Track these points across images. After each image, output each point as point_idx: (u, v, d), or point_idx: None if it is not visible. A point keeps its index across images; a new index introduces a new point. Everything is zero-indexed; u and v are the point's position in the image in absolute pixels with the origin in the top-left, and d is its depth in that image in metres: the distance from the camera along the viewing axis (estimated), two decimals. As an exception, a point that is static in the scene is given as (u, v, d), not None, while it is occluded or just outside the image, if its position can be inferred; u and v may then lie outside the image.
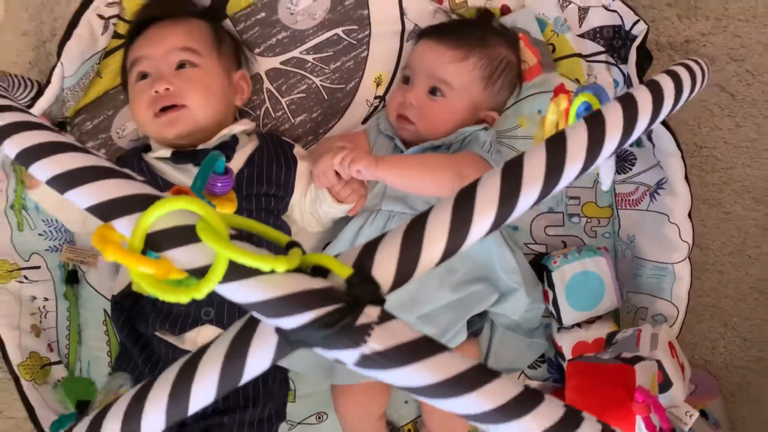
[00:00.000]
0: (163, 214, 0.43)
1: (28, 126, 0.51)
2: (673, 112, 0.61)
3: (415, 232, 0.46)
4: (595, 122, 0.51)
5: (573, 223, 1.17)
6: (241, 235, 0.45)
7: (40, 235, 1.05)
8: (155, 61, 0.99)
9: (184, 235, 0.43)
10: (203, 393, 0.44)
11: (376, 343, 0.42)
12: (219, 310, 0.98)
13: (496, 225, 0.47)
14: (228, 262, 0.42)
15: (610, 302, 1.09)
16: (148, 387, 0.46)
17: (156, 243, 0.43)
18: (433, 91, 1.05)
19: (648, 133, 1.06)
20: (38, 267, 1.04)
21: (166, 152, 0.99)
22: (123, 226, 0.45)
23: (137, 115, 1.02)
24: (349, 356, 0.43)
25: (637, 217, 1.11)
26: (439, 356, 0.44)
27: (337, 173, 0.94)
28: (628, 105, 0.53)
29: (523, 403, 0.45)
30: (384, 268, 0.45)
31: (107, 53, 1.08)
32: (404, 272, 0.45)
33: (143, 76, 1.00)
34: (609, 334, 1.05)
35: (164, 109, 0.98)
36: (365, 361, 0.43)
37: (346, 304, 0.42)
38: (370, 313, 0.43)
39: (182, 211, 0.43)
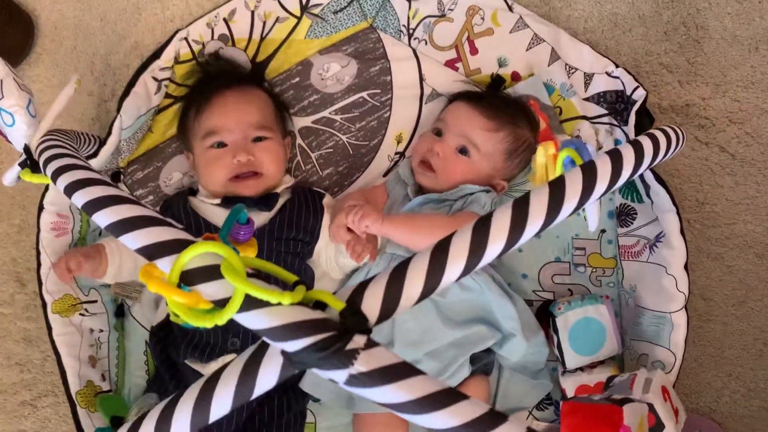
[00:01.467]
0: (194, 255, 0.54)
1: (92, 182, 0.64)
2: (636, 175, 0.70)
3: (398, 275, 0.56)
4: (556, 187, 0.61)
5: (579, 272, 1.25)
6: (258, 274, 0.56)
7: (95, 272, 1.18)
8: (234, 134, 1.12)
9: (211, 273, 0.54)
10: (222, 403, 0.55)
11: (361, 365, 0.52)
12: (244, 341, 1.08)
13: (467, 271, 0.57)
14: (244, 295, 0.52)
15: (611, 348, 1.15)
16: (178, 398, 0.57)
17: (188, 278, 0.54)
18: (462, 150, 1.15)
19: (646, 190, 1.14)
20: (95, 301, 1.16)
21: (216, 200, 1.13)
22: (163, 264, 0.56)
23: (211, 176, 1.13)
24: (339, 376, 0.52)
25: (638, 268, 1.19)
26: (415, 378, 0.53)
27: (349, 229, 1.05)
28: (588, 172, 0.63)
29: (485, 422, 0.53)
30: (371, 304, 0.55)
31: (158, 111, 1.23)
32: (388, 308, 0.55)
33: (220, 144, 1.13)
34: (609, 377, 1.11)
35: (241, 175, 1.12)
36: (352, 380, 0.52)
37: (338, 332, 0.52)
38: (358, 340, 0.52)
39: (210, 254, 0.54)
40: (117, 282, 1.21)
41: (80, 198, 0.62)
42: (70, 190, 0.64)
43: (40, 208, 1.10)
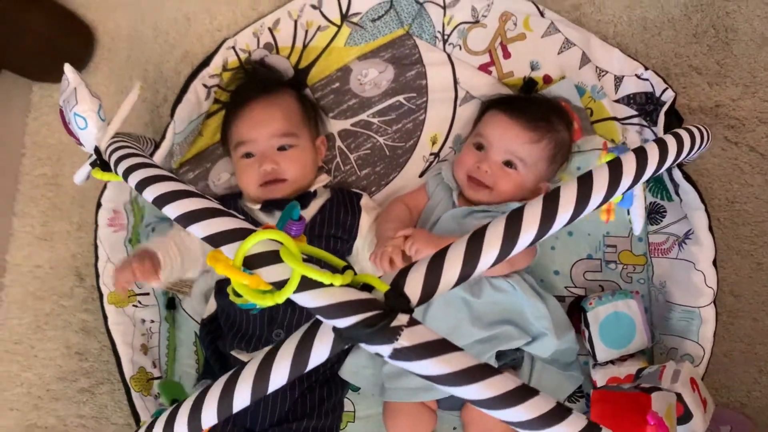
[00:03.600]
0: (256, 242, 0.60)
1: (161, 178, 0.71)
2: (660, 171, 0.74)
3: (437, 261, 0.61)
4: (584, 181, 0.66)
5: (610, 269, 1.28)
6: (311, 260, 0.62)
7: (148, 265, 1.26)
8: (259, 144, 1.19)
9: (271, 257, 0.60)
10: (280, 374, 0.61)
11: (405, 340, 0.58)
12: (288, 332, 1.14)
13: (501, 258, 0.62)
14: (300, 277, 0.58)
15: (640, 341, 1.18)
16: (240, 370, 0.63)
17: (251, 263, 0.61)
18: (507, 163, 1.18)
19: (675, 188, 1.18)
20: (148, 293, 1.24)
21: (257, 206, 1.20)
22: (228, 250, 0.62)
23: (244, 183, 1.21)
24: (384, 350, 0.58)
25: (668, 264, 1.22)
26: (453, 353, 0.58)
27: (390, 260, 1.08)
28: (614, 167, 0.67)
29: (518, 395, 0.59)
30: (413, 287, 0.60)
31: (208, 115, 1.30)
32: (428, 291, 0.61)
33: (248, 155, 1.20)
34: (639, 369, 1.15)
35: (268, 181, 1.19)
36: (397, 354, 0.58)
37: (384, 311, 0.58)
38: (402, 318, 0.58)
39: (269, 241, 0.61)
40: (168, 278, 1.29)
41: (151, 193, 0.69)
42: (142, 185, 0.71)
43: (98, 205, 1.17)
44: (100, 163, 0.86)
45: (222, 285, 1.19)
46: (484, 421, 1.13)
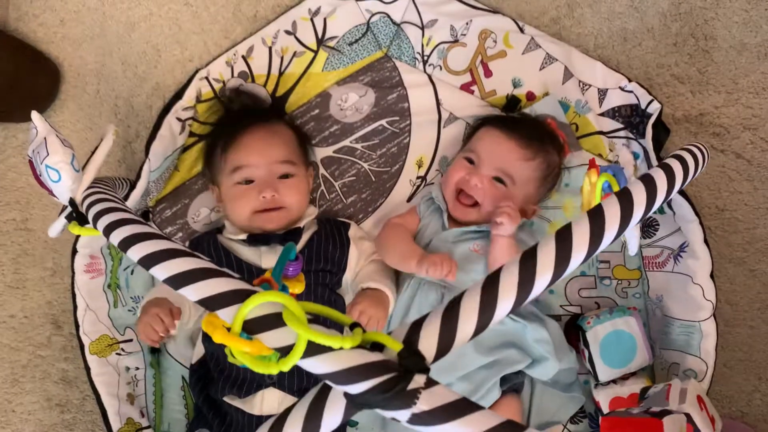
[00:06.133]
0: (256, 305, 0.56)
1: (146, 236, 0.66)
2: (671, 197, 0.72)
3: (451, 313, 0.58)
4: (596, 216, 0.63)
5: (604, 285, 1.26)
6: (315, 319, 0.58)
7: (129, 311, 1.20)
8: (260, 170, 1.15)
9: (273, 321, 0.56)
10: (289, 446, 0.56)
11: (424, 404, 0.54)
12: (281, 374, 1.09)
13: (518, 304, 0.59)
14: (307, 341, 0.54)
15: (642, 359, 1.17)
16: (245, 442, 0.59)
17: (251, 327, 0.56)
18: (497, 179, 1.16)
19: (668, 201, 1.16)
20: (131, 340, 1.19)
21: (243, 236, 1.15)
22: (224, 314, 0.58)
23: (237, 209, 1.16)
24: (402, 415, 0.54)
25: (663, 278, 1.20)
26: (475, 414, 0.55)
27: None
28: (625, 199, 0.65)
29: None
30: (428, 343, 0.57)
31: (183, 149, 1.25)
32: (444, 346, 0.57)
33: (248, 181, 1.15)
34: (642, 389, 1.13)
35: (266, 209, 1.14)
36: (416, 419, 0.54)
37: (398, 374, 0.54)
38: (418, 380, 0.54)
39: (270, 303, 0.57)
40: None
41: (136, 252, 0.65)
42: (126, 244, 0.66)
43: (74, 252, 1.12)
44: (77, 216, 0.80)
45: (210, 329, 1.14)
46: None
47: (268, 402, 1.11)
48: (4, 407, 1.28)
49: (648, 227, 1.23)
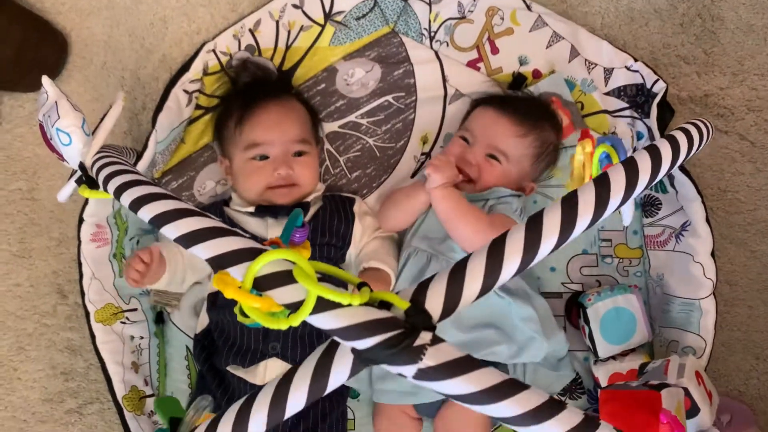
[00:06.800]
0: (267, 262, 0.57)
1: (157, 197, 0.67)
2: (674, 168, 0.73)
3: (458, 273, 0.59)
4: (602, 183, 0.64)
5: (606, 263, 1.27)
6: (324, 278, 0.59)
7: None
8: (275, 148, 1.16)
9: (283, 278, 0.57)
10: (297, 399, 0.58)
11: (430, 360, 0.55)
12: (284, 345, 1.11)
13: (523, 266, 0.60)
14: (316, 298, 0.55)
15: (641, 336, 1.18)
16: (253, 398, 0.60)
17: (261, 284, 0.57)
18: (491, 157, 1.17)
19: (671, 180, 1.17)
20: (136, 309, 1.20)
21: (251, 208, 1.16)
22: (235, 272, 0.59)
23: (250, 184, 1.17)
24: (408, 370, 0.55)
25: (665, 257, 1.21)
26: (480, 371, 0.56)
27: None
28: (630, 167, 0.66)
29: (548, 409, 0.56)
30: (434, 302, 0.58)
31: (190, 122, 1.26)
32: (450, 305, 0.58)
33: (263, 157, 1.16)
34: (641, 365, 1.14)
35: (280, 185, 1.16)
36: (421, 374, 0.55)
37: (405, 330, 0.55)
38: (425, 336, 0.56)
39: (281, 261, 0.57)
40: (156, 290, 1.24)
41: (147, 212, 0.65)
42: (137, 204, 0.67)
43: (80, 220, 1.13)
44: (86, 179, 0.81)
45: (215, 299, 1.15)
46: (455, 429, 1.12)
47: (270, 372, 1.12)
48: (10, 374, 1.29)
49: (650, 206, 1.24)
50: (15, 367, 1.30)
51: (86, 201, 1.13)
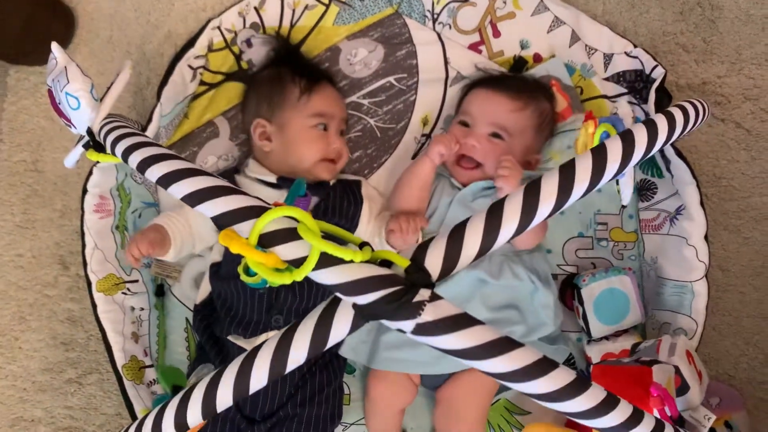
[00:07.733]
0: (272, 219, 0.58)
1: (164, 157, 0.68)
2: (669, 143, 0.75)
3: (457, 234, 0.60)
4: (599, 152, 0.65)
5: (601, 246, 1.29)
6: (327, 237, 0.60)
7: (136, 252, 1.23)
8: (335, 123, 1.22)
9: (288, 234, 0.59)
10: (299, 352, 0.60)
11: (428, 315, 0.57)
12: (287, 318, 1.13)
13: (520, 230, 0.62)
14: (320, 254, 0.57)
15: (634, 317, 1.20)
16: (258, 348, 0.62)
17: (266, 241, 0.59)
18: (494, 134, 1.18)
19: (667, 164, 1.19)
20: (137, 281, 1.21)
21: (272, 177, 1.18)
22: (241, 229, 0.61)
23: (307, 150, 1.19)
24: (407, 325, 0.57)
25: (659, 240, 1.23)
26: (476, 327, 0.58)
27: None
28: (627, 138, 0.67)
29: (541, 367, 0.59)
30: (433, 261, 0.60)
31: (194, 97, 1.27)
32: (449, 265, 0.60)
33: (324, 127, 1.20)
34: (633, 344, 1.16)
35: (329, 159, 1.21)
36: (419, 329, 0.57)
37: (405, 286, 0.57)
38: (424, 293, 0.58)
39: (285, 218, 0.59)
40: (158, 262, 1.26)
41: (155, 172, 0.67)
42: (144, 165, 0.69)
43: (84, 191, 1.14)
44: (94, 144, 0.83)
45: (217, 269, 1.16)
46: (456, 402, 1.14)
47: None
48: (11, 344, 1.31)
49: (646, 191, 1.26)
50: (16, 337, 1.31)
51: (90, 172, 1.14)
